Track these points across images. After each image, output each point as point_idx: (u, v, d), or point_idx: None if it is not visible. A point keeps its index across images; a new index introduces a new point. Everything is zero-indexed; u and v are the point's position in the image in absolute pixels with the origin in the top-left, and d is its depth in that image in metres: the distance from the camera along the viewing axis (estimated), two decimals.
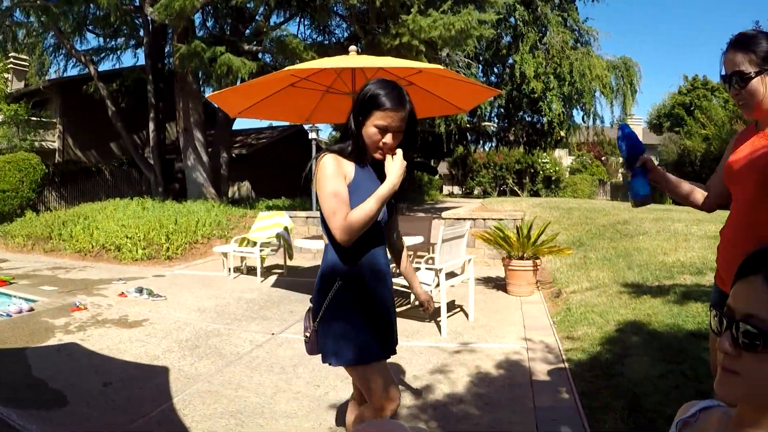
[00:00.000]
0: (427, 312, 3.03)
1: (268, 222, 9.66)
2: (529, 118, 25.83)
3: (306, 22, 20.47)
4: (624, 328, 5.50)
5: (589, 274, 7.94)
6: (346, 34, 20.12)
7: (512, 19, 23.28)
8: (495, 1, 18.12)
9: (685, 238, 9.63)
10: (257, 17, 19.06)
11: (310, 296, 2.62)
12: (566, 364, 4.80)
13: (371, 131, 2.42)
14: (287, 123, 20.93)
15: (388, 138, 2.43)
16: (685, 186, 2.71)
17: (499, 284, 8.24)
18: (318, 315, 2.53)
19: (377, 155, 2.49)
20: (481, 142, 29.21)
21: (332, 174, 2.41)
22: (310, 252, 10.95)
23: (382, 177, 2.47)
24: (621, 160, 2.71)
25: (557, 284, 7.86)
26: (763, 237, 2.18)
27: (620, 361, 4.67)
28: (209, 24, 20.47)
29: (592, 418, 3.77)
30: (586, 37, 24.95)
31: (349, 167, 2.48)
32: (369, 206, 2.35)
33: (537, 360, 4.96)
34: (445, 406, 4.10)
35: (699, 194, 2.67)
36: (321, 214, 2.45)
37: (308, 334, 2.57)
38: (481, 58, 24.34)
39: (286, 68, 6.51)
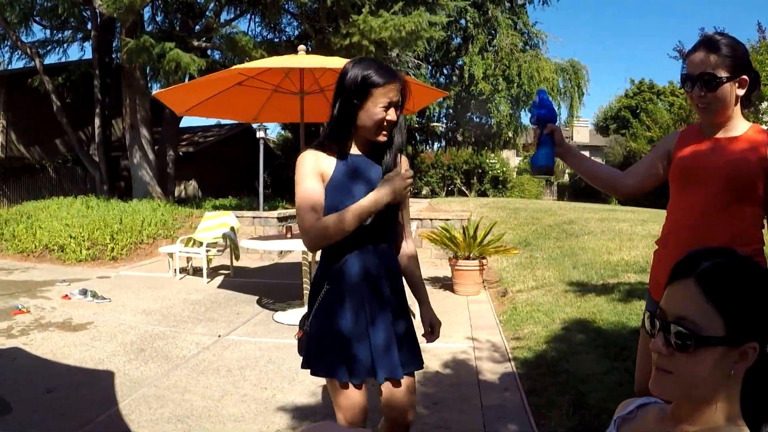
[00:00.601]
0: (429, 340, 2.58)
1: (215, 222, 9.53)
2: (478, 119, 26.06)
3: (257, 20, 20.27)
4: (569, 326, 5.59)
5: (535, 274, 8.05)
6: (297, 33, 20.01)
7: (463, 21, 23.47)
8: (446, 4, 18.22)
9: (629, 238, 9.83)
10: (208, 13, 18.77)
11: (257, 297, 2.55)
12: (512, 363, 4.85)
13: (375, 111, 2.26)
14: (235, 121, 20.72)
15: (392, 113, 2.29)
16: (597, 166, 2.69)
17: (446, 284, 8.29)
18: (309, 318, 2.42)
19: (380, 138, 2.33)
20: (430, 142, 29.36)
21: (306, 174, 2.32)
22: (257, 253, 10.87)
23: (371, 167, 2.38)
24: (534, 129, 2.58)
25: (504, 283, 7.95)
26: (719, 244, 2.16)
27: (565, 358, 4.75)
28: (159, 19, 20.08)
29: (538, 415, 3.83)
30: (536, 41, 25.29)
31: (329, 163, 2.35)
32: (342, 218, 2.23)
33: (484, 359, 5.00)
34: None
35: (619, 178, 2.59)
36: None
37: (297, 337, 2.46)
38: (430, 59, 24.48)
39: (234, 67, 6.44)
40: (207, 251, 8.96)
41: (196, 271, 9.42)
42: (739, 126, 2.28)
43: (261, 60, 7.06)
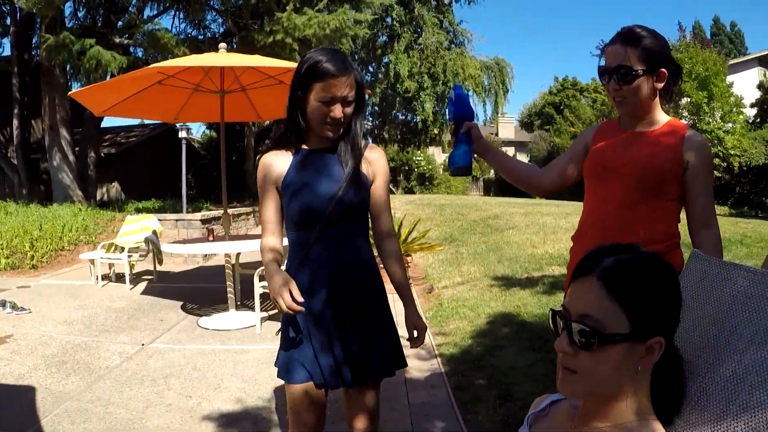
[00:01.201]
0: (412, 345, 2.42)
1: (136, 226, 9.26)
2: (403, 117, 26.26)
3: (181, 16, 19.87)
4: (494, 320, 5.67)
5: (461, 269, 8.14)
6: (222, 30, 19.71)
7: (389, 19, 23.58)
8: (371, 2, 18.26)
9: (554, 231, 10.04)
10: (131, 9, 18.27)
11: (182, 303, 2.47)
12: (439, 359, 4.88)
13: (315, 106, 2.15)
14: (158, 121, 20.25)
15: (336, 110, 2.14)
16: (514, 163, 2.66)
17: None
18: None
19: (327, 133, 2.21)
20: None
21: (260, 188, 2.29)
22: (181, 256, 10.63)
23: (336, 162, 2.27)
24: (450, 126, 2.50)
25: (429, 280, 8.01)
26: (633, 240, 2.13)
27: (491, 352, 4.81)
28: (81, 14, 19.36)
29: (465, 410, 3.86)
30: (461, 39, 25.66)
31: (283, 164, 2.27)
32: (263, 257, 2.26)
33: (410, 356, 4.96)
34: None
35: (536, 174, 2.57)
36: None
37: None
38: (356, 57, 24.48)
39: (153, 65, 6.28)
40: (129, 256, 8.70)
41: (119, 278, 9.14)
42: (658, 120, 2.25)
43: (180, 58, 6.92)
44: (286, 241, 2.35)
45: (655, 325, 1.13)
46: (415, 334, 2.38)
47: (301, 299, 2.06)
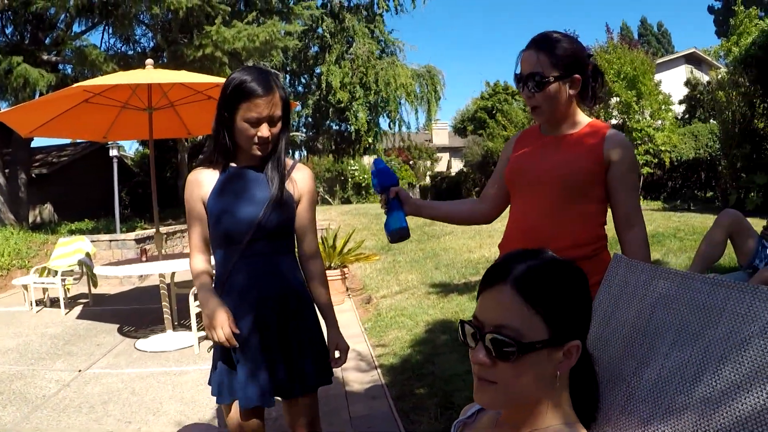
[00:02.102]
0: (334, 365, 2.47)
1: (69, 248, 8.99)
2: (337, 127, 26.30)
3: (110, 31, 19.42)
4: (433, 328, 5.68)
5: (399, 278, 8.15)
6: (151, 44, 19.38)
7: (320, 30, 23.59)
8: (301, 13, 18.27)
9: (489, 235, 10.13)
10: (59, 25, 17.80)
11: (118, 326, 2.43)
12: (379, 370, 4.85)
13: (242, 127, 2.15)
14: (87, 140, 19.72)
15: (262, 130, 2.15)
16: (452, 207, 2.62)
17: None
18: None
19: (256, 152, 2.21)
20: (291, 152, 29.15)
21: (187, 207, 2.27)
22: (117, 278, 10.37)
23: (261, 181, 2.27)
24: (379, 190, 2.48)
25: (367, 290, 7.99)
26: (554, 248, 2.11)
27: (431, 360, 4.81)
28: (8, 31, 18.75)
29: (407, 420, 3.83)
30: (392, 48, 25.89)
31: (209, 182, 2.26)
32: (196, 282, 2.27)
33: (350, 369, 4.97)
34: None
35: (476, 208, 2.56)
36: None
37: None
38: (288, 69, 24.42)
39: (78, 84, 6.12)
40: (63, 280, 8.43)
41: (54, 302, 8.84)
42: (578, 122, 2.22)
43: (107, 76, 6.75)
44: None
45: (571, 329, 1.13)
46: (337, 354, 2.43)
47: (237, 331, 2.10)
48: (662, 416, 1.14)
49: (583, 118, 2.24)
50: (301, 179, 2.37)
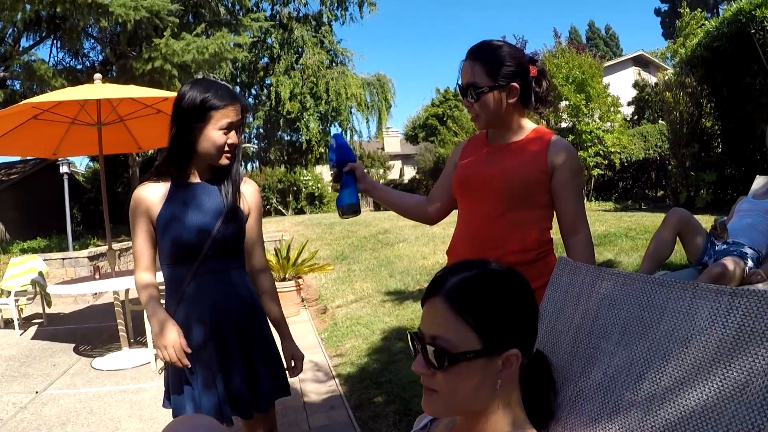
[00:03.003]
0: (291, 375, 2.49)
1: (21, 268, 8.78)
2: (288, 137, 26.18)
3: (58, 45, 19.09)
4: (389, 335, 5.70)
5: (354, 287, 8.15)
6: (100, 58, 19.06)
7: (270, 40, 23.51)
8: (249, 25, 18.19)
9: (443, 241, 10.16)
10: (6, 39, 17.42)
11: (74, 345, 2.39)
12: (337, 380, 4.85)
13: (216, 135, 2.16)
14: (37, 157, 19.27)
15: (233, 136, 2.20)
16: (401, 198, 2.61)
17: None
18: None
19: (224, 161, 2.23)
20: (242, 163, 28.99)
21: (132, 221, 2.24)
22: (71, 297, 10.16)
23: (212, 195, 2.27)
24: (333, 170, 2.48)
25: (323, 300, 7.96)
26: (500, 253, 2.11)
27: (387, 368, 4.83)
28: None
29: (366, 429, 3.84)
30: (341, 58, 25.88)
31: (157, 197, 2.23)
32: (142, 296, 2.25)
33: (308, 380, 4.96)
34: None
35: (422, 206, 2.55)
36: None
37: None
38: (237, 80, 24.27)
39: (26, 101, 5.99)
40: (16, 300, 8.21)
41: (8, 324, 8.61)
42: (522, 129, 2.22)
43: (55, 92, 6.63)
44: (160, 276, 2.30)
45: (508, 338, 1.14)
46: (293, 363, 2.46)
47: (188, 350, 2.11)
48: (610, 414, 1.17)
49: (528, 125, 2.24)
50: (249, 193, 2.38)
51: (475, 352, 1.11)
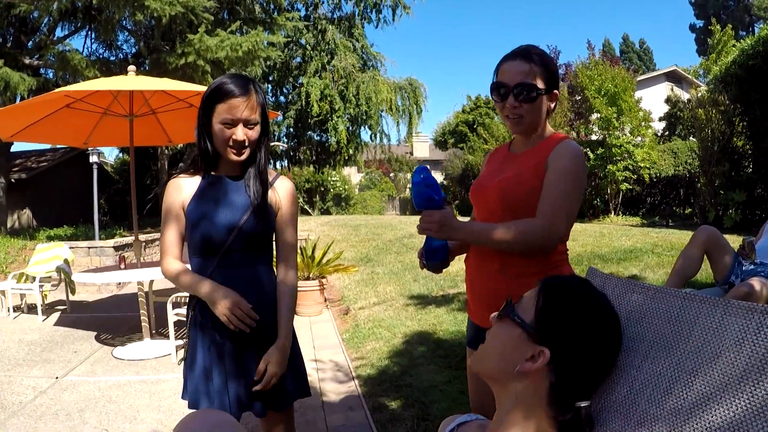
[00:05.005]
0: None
1: (47, 255, 8.92)
2: (318, 138, 26.24)
3: (92, 36, 19.30)
4: (411, 339, 5.69)
5: (377, 289, 8.15)
6: (134, 51, 19.25)
7: (303, 41, 23.63)
8: (284, 24, 18.26)
9: None
10: (42, 29, 17.64)
11: (96, 333, 2.39)
12: (356, 381, 4.86)
13: (218, 129, 2.13)
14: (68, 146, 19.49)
15: (238, 133, 2.12)
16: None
17: None
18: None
19: (232, 156, 2.17)
20: (272, 162, 29.15)
21: (165, 211, 2.24)
22: (95, 285, 10.27)
23: (241, 190, 2.25)
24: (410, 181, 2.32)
25: (346, 301, 7.98)
26: (499, 265, 2.10)
27: (408, 372, 4.82)
28: None
29: (383, 431, 3.85)
30: (373, 62, 25.89)
31: (190, 188, 2.24)
32: (183, 280, 2.21)
33: (327, 380, 4.98)
34: None
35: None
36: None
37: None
38: (270, 79, 24.40)
39: (60, 89, 6.06)
40: (41, 286, 8.33)
41: (31, 309, 8.74)
42: (543, 137, 2.17)
43: (88, 82, 6.71)
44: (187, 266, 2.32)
45: (553, 336, 1.19)
46: (266, 368, 2.20)
47: (255, 315, 2.15)
48: (634, 428, 1.16)
49: (548, 132, 2.21)
50: (282, 190, 2.35)
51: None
